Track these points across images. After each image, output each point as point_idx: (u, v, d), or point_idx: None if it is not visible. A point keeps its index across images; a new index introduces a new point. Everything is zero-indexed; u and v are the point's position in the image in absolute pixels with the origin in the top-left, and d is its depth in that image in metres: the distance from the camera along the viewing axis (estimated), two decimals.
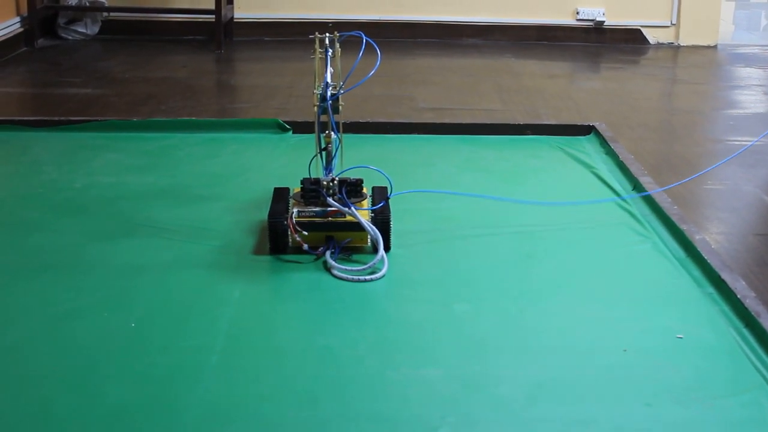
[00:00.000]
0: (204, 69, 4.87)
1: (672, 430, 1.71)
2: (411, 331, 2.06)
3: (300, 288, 2.27)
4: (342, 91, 2.44)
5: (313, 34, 2.50)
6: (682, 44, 5.81)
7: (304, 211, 2.42)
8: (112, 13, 5.60)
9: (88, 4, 5.46)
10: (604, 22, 5.77)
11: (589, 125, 3.60)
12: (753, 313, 2.07)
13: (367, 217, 2.43)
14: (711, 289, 2.26)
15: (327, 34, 2.49)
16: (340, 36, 2.49)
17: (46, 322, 2.07)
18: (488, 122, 3.68)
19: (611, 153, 3.29)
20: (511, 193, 2.92)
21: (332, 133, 2.44)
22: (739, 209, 2.90)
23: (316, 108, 2.44)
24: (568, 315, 2.14)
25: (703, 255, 2.39)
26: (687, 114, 4.17)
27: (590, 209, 2.78)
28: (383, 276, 2.31)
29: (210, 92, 4.37)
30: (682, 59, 5.49)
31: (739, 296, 2.15)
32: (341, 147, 2.49)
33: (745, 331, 2.05)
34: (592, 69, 5.28)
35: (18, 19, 5.16)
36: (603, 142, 3.43)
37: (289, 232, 2.40)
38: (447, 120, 3.74)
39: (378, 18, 5.71)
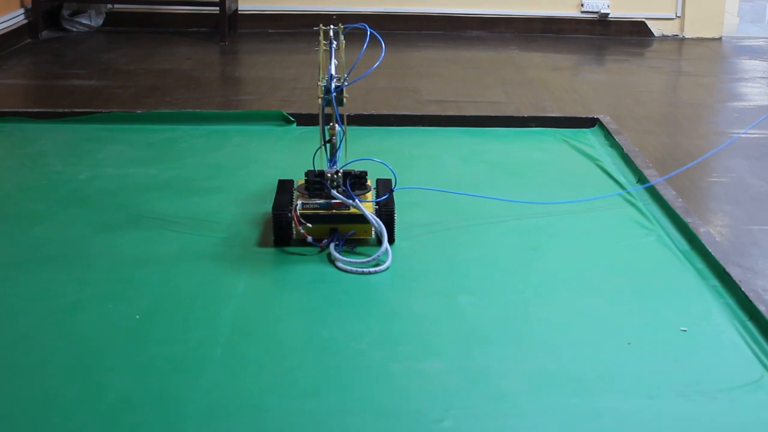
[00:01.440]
0: (208, 61, 4.87)
1: (675, 422, 1.71)
2: (414, 324, 2.06)
3: (304, 280, 2.27)
4: (346, 83, 2.44)
5: (318, 26, 2.50)
6: (686, 36, 5.80)
7: (308, 203, 2.42)
8: (116, 5, 5.59)
9: None
10: (608, 14, 5.76)
11: (593, 118, 3.60)
12: (757, 306, 2.07)
13: (372, 210, 2.43)
14: (715, 282, 2.26)
15: (331, 26, 2.49)
16: (344, 28, 2.49)
17: (51, 313, 2.07)
18: (493, 115, 3.68)
19: (616, 145, 3.29)
20: (515, 185, 2.92)
21: (336, 125, 2.44)
22: (743, 202, 2.90)
23: (320, 100, 2.44)
24: (571, 307, 2.14)
25: (708, 248, 2.38)
26: (692, 106, 4.16)
27: (594, 202, 2.78)
28: (387, 268, 2.31)
29: (214, 84, 4.37)
30: (686, 51, 5.48)
31: (743, 289, 2.15)
32: (345, 139, 2.49)
33: (749, 324, 2.05)
34: (596, 61, 5.27)
35: (22, 10, 5.16)
36: (607, 134, 3.42)
37: (294, 224, 2.40)
38: (451, 112, 3.73)
39: (382, 10, 5.70)
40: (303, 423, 1.69)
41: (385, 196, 2.46)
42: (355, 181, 2.46)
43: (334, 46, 2.48)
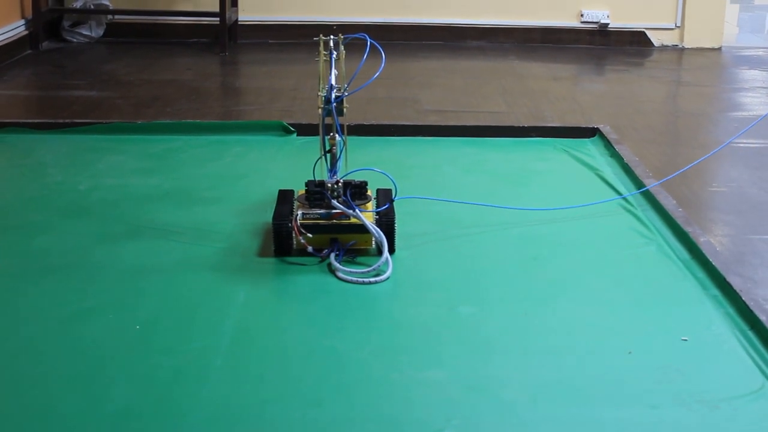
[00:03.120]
0: (209, 71, 4.87)
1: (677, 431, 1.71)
2: (416, 334, 2.06)
3: (305, 290, 2.27)
4: (346, 94, 2.44)
5: (318, 36, 2.51)
6: (686, 46, 5.81)
7: (308, 213, 2.42)
8: (116, 16, 5.60)
9: (92, 6, 5.47)
10: (608, 24, 5.77)
11: (593, 127, 3.61)
12: (758, 315, 2.06)
13: (372, 220, 2.43)
14: (716, 291, 2.26)
15: (331, 37, 2.49)
16: (344, 38, 2.50)
17: (52, 324, 2.07)
18: (493, 125, 3.68)
19: (616, 155, 3.29)
20: (515, 195, 2.92)
21: (337, 135, 2.45)
22: (744, 211, 2.90)
23: (320, 110, 2.45)
24: (572, 317, 2.14)
25: (708, 257, 2.38)
26: (692, 116, 4.17)
27: (595, 211, 2.78)
28: (388, 278, 2.31)
29: (215, 95, 4.38)
30: (686, 61, 5.48)
31: (743, 298, 2.15)
32: (345, 149, 2.49)
33: (750, 333, 2.05)
34: (596, 71, 5.28)
35: (23, 21, 5.17)
36: (608, 144, 3.42)
37: (294, 235, 2.40)
38: (451, 122, 3.74)
39: (382, 20, 5.71)
40: None
41: (386, 206, 2.46)
42: (356, 191, 2.46)
43: (334, 56, 2.48)
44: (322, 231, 2.41)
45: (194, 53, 5.30)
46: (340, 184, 2.44)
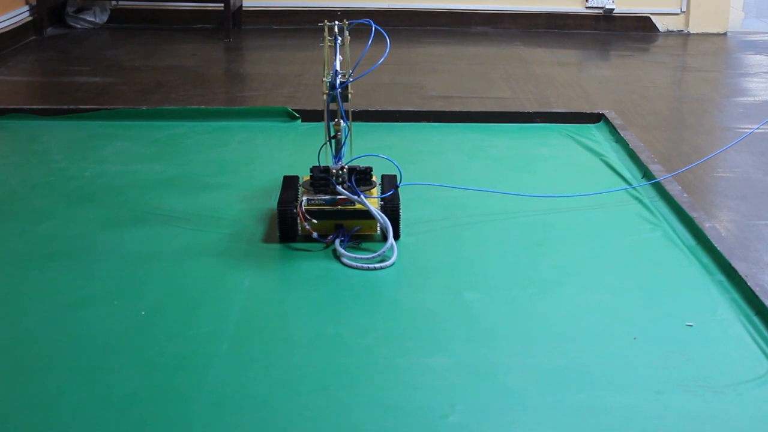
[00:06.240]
0: (213, 57, 4.87)
1: (682, 417, 1.71)
2: (420, 320, 2.06)
3: (310, 276, 2.27)
4: (351, 79, 2.43)
5: (323, 22, 2.50)
6: (691, 32, 5.79)
7: (313, 199, 2.42)
8: (120, 2, 5.60)
9: None
10: (613, 9, 5.75)
11: (598, 113, 3.60)
12: (763, 301, 2.06)
13: (377, 205, 2.43)
14: (721, 277, 2.26)
15: (336, 22, 2.49)
16: (349, 24, 2.49)
17: (57, 310, 2.08)
18: (498, 110, 3.68)
19: (621, 141, 3.28)
20: (520, 181, 2.92)
21: (341, 121, 2.44)
22: (749, 197, 2.90)
23: (325, 96, 2.44)
24: (577, 303, 2.14)
25: (713, 243, 2.38)
26: (697, 102, 4.16)
27: (600, 197, 2.77)
28: (393, 264, 2.31)
29: (219, 81, 4.37)
30: (691, 47, 5.47)
31: (749, 284, 2.14)
32: (350, 135, 2.49)
33: (756, 319, 2.05)
34: (601, 57, 5.26)
35: (27, 7, 5.16)
36: (613, 130, 3.42)
37: (299, 220, 2.40)
38: (456, 108, 3.73)
39: (387, 6, 5.70)
40: (310, 418, 1.70)
41: (391, 192, 2.45)
42: (360, 177, 2.46)
43: (339, 42, 2.48)
44: (327, 217, 2.41)
45: (198, 39, 5.29)
46: (344, 169, 2.44)
